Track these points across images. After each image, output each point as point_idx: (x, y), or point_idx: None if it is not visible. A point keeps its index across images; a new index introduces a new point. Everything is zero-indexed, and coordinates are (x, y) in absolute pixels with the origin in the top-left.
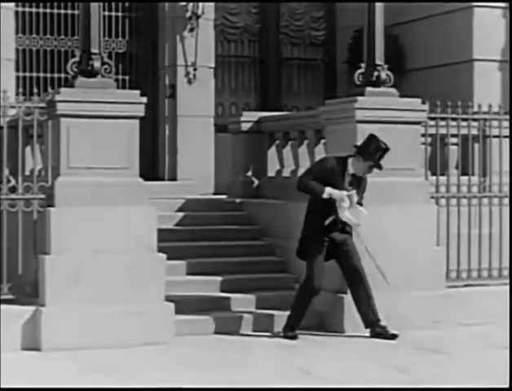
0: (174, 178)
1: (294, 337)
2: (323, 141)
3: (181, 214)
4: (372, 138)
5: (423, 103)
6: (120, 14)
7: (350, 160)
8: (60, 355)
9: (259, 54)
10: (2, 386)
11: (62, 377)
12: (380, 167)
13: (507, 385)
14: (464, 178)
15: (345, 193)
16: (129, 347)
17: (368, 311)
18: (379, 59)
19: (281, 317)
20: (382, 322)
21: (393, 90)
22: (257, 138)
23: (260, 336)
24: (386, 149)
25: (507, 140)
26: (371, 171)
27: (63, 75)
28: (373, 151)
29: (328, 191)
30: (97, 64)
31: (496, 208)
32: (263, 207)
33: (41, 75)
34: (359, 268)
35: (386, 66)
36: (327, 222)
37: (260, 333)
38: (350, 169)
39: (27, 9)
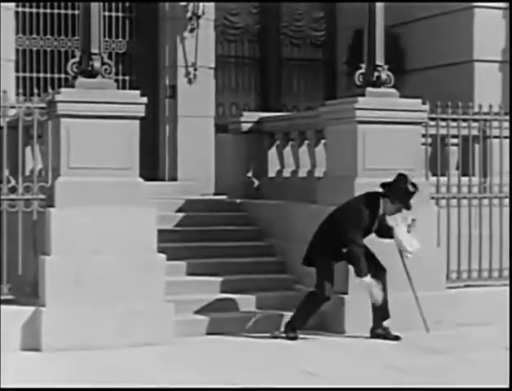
0: (174, 179)
1: (295, 338)
2: (323, 141)
3: (181, 215)
4: (400, 179)
5: (423, 103)
6: (120, 14)
7: (381, 202)
8: (60, 355)
9: (259, 55)
10: (2, 386)
11: (62, 377)
12: (409, 208)
13: (507, 385)
14: (464, 179)
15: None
16: (128, 347)
17: (382, 311)
18: (379, 60)
19: (281, 317)
20: (385, 324)
21: (393, 91)
22: (257, 138)
23: (260, 336)
24: (415, 192)
25: (507, 141)
26: (400, 211)
27: (63, 75)
28: (403, 194)
29: (368, 282)
30: (97, 65)
31: (496, 209)
32: (263, 207)
33: (42, 75)
34: (382, 265)
35: (386, 66)
36: (345, 250)
37: (260, 334)
38: (381, 211)
39: (27, 9)
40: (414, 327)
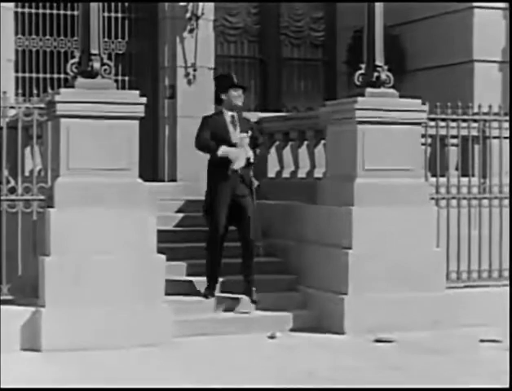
0: (173, 179)
1: None
2: (323, 141)
3: (181, 215)
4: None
5: (423, 103)
6: (119, 15)
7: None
8: (60, 356)
9: (259, 55)
10: (2, 386)
11: (62, 377)
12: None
13: (507, 385)
14: (464, 179)
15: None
16: (128, 347)
17: None
18: (379, 60)
19: (281, 318)
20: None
21: (393, 91)
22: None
23: (260, 337)
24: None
25: (507, 141)
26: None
27: (62, 76)
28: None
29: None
30: (97, 65)
31: (496, 210)
32: (263, 207)
33: (41, 76)
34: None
35: (386, 67)
36: None
37: (260, 334)
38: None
39: (26, 10)
40: (412, 327)
